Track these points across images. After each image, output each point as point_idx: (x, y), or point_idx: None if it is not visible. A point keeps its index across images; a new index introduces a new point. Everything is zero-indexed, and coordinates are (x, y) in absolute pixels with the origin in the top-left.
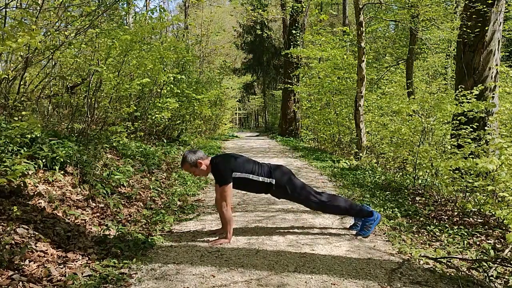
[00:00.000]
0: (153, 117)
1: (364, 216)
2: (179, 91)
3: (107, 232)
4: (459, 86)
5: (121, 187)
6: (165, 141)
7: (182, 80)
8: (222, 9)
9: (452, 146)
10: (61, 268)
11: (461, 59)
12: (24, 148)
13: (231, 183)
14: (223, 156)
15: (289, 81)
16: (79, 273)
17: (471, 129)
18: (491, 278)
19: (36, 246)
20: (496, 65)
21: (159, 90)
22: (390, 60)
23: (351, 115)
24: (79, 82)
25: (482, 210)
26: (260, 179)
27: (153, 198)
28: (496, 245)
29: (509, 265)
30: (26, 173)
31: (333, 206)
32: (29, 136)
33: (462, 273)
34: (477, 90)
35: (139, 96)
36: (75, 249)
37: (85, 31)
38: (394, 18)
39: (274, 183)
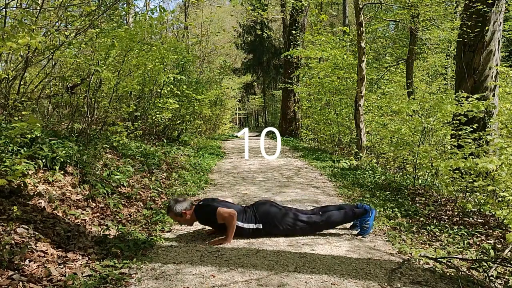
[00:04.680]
0: (153, 117)
1: (360, 216)
2: (179, 92)
3: (107, 232)
4: (460, 90)
5: (121, 187)
6: (165, 141)
7: (182, 80)
8: (222, 9)
9: (452, 146)
10: (61, 268)
11: (461, 59)
12: (24, 148)
13: (220, 206)
14: (205, 200)
15: (289, 81)
16: (79, 273)
17: (471, 130)
18: (491, 278)
19: (36, 246)
20: (496, 65)
21: (159, 90)
22: (390, 60)
23: (351, 115)
24: (79, 82)
25: (482, 210)
26: (245, 225)
27: (153, 198)
28: (496, 245)
29: (509, 265)
30: (26, 173)
31: (328, 223)
32: (29, 136)
33: (462, 273)
34: (478, 95)
35: (139, 96)
36: (75, 249)
37: (85, 31)
38: (394, 18)
39: (261, 227)
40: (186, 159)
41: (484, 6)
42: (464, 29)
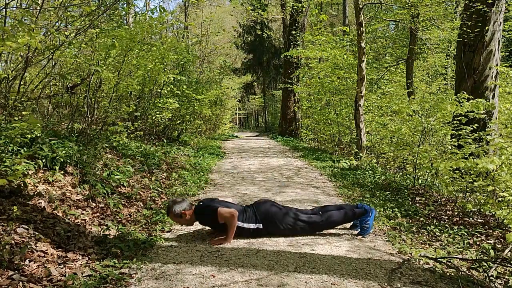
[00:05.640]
0: (153, 117)
1: (360, 216)
2: (179, 92)
3: (107, 232)
4: (460, 90)
5: (121, 187)
6: (165, 141)
7: (182, 80)
8: (222, 9)
9: (452, 146)
10: (61, 268)
11: (461, 59)
12: (24, 148)
13: (220, 206)
14: (205, 200)
15: (289, 81)
16: (79, 273)
17: (472, 130)
18: (491, 278)
19: (36, 246)
20: (496, 65)
21: (159, 90)
22: (390, 60)
23: (351, 115)
24: (79, 82)
25: (482, 210)
26: (245, 225)
27: (153, 198)
28: (496, 245)
29: (509, 265)
30: (26, 173)
31: (328, 223)
32: (29, 136)
33: (462, 273)
34: (478, 96)
35: (139, 96)
36: (75, 249)
37: (85, 31)
38: (394, 18)
39: (261, 227)
40: (186, 159)
41: (484, 6)
42: (464, 29)
